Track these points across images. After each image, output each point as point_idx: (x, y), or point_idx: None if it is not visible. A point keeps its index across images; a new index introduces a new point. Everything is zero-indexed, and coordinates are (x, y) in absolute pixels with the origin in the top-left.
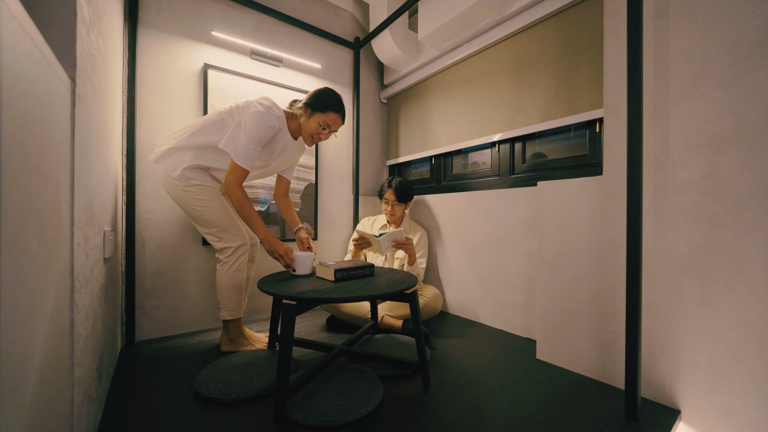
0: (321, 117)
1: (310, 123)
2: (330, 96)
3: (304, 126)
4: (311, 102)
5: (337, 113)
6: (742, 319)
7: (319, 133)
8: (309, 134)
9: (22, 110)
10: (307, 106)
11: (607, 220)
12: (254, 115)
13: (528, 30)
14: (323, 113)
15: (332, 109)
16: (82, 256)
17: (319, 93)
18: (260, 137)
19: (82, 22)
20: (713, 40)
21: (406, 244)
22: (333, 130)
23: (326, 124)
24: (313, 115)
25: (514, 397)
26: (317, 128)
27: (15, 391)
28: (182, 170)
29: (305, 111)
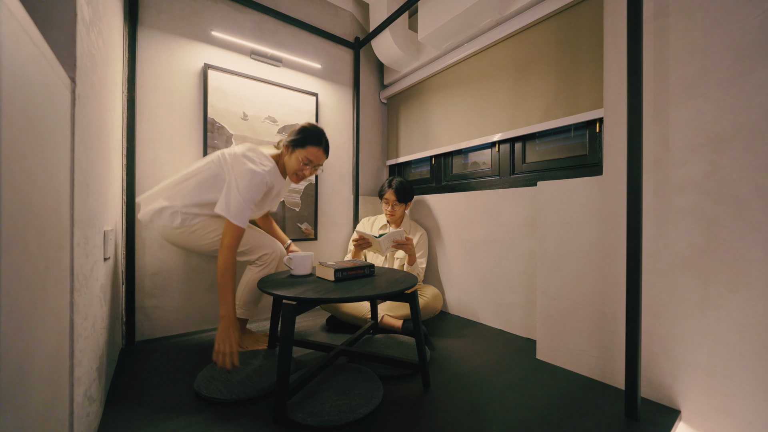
0: (301, 153)
1: (291, 160)
2: (309, 130)
3: (287, 164)
4: (292, 139)
5: (317, 146)
6: (742, 319)
7: (302, 169)
8: (293, 172)
9: (22, 110)
10: (289, 144)
11: (607, 220)
12: (246, 174)
13: (528, 30)
14: (303, 148)
15: (312, 143)
16: (82, 256)
17: (300, 129)
18: (254, 197)
19: (82, 22)
20: (713, 40)
21: (407, 244)
22: (316, 165)
23: (307, 160)
24: (294, 152)
25: (514, 397)
26: (299, 164)
27: (15, 391)
28: (182, 219)
29: (287, 149)
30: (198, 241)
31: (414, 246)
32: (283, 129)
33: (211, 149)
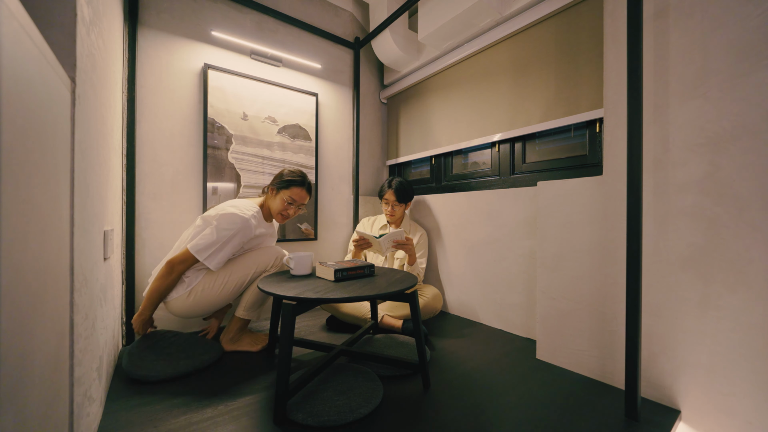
0: (285, 193)
1: (276, 201)
2: (293, 173)
3: (271, 206)
4: (275, 183)
5: (300, 187)
6: (742, 319)
7: (286, 209)
8: (277, 212)
9: (22, 110)
10: (273, 186)
11: (607, 220)
12: (227, 214)
13: (528, 30)
14: (287, 189)
15: (296, 184)
16: (82, 256)
17: (280, 174)
18: (230, 238)
19: (82, 22)
20: (713, 40)
21: (407, 244)
22: (299, 204)
23: (291, 199)
24: (278, 193)
25: (514, 397)
26: (283, 205)
27: (15, 391)
28: (187, 285)
29: (272, 191)
30: (213, 295)
31: (414, 246)
32: (283, 129)
33: (211, 149)
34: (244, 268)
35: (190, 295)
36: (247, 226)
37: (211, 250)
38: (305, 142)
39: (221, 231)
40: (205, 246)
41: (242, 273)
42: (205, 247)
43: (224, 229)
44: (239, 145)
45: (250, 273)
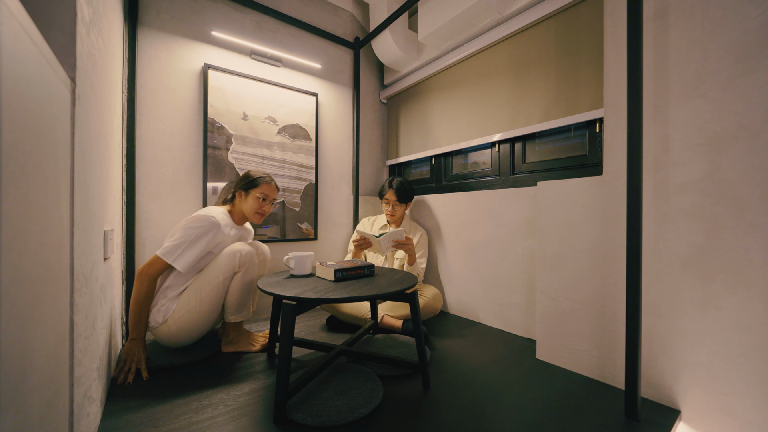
0: (256, 191)
1: (248, 202)
2: (255, 172)
3: (245, 209)
4: (241, 185)
5: (269, 183)
6: (742, 319)
7: (261, 206)
8: (253, 212)
9: (22, 110)
10: (240, 190)
11: (607, 220)
12: (193, 216)
13: (528, 30)
14: (257, 187)
15: (264, 181)
16: (82, 256)
17: (245, 176)
18: (196, 238)
19: (82, 22)
20: (713, 40)
21: (407, 244)
22: (272, 200)
23: (263, 195)
24: (249, 195)
25: (514, 397)
26: (258, 203)
27: (15, 391)
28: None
29: (240, 195)
30: (196, 317)
31: (414, 246)
32: (283, 129)
33: (211, 149)
34: (211, 279)
35: (172, 324)
36: (214, 224)
37: (179, 251)
38: (305, 142)
39: (188, 230)
40: (172, 248)
41: (211, 285)
42: (173, 249)
43: (191, 228)
44: (239, 145)
45: (219, 281)
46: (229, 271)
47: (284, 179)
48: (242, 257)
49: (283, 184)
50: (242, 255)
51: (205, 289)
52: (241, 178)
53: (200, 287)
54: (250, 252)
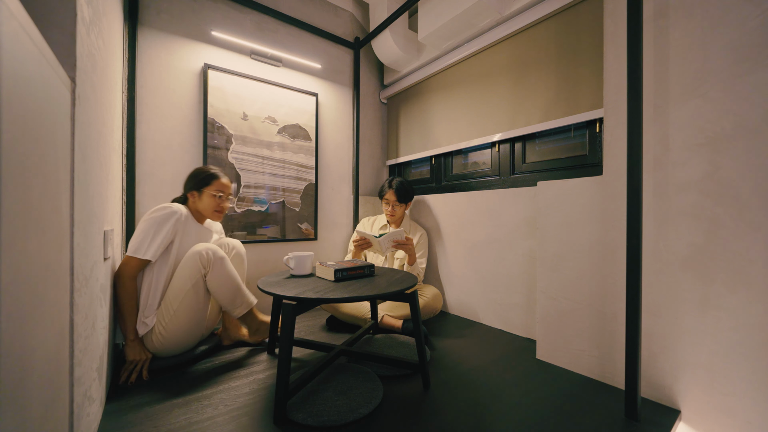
0: (210, 189)
1: (204, 200)
2: (203, 170)
3: (201, 208)
4: (192, 185)
5: (221, 178)
6: (742, 319)
7: (219, 203)
8: (212, 210)
9: (22, 110)
10: (192, 190)
11: (607, 220)
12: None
13: (528, 30)
14: (210, 185)
15: (215, 177)
16: (82, 256)
17: (193, 174)
18: (157, 228)
19: (82, 22)
20: (713, 40)
21: (407, 244)
22: (228, 195)
23: (219, 192)
24: (203, 193)
25: (514, 397)
26: (214, 200)
27: (15, 391)
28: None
29: (193, 195)
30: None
31: (414, 246)
32: (283, 129)
33: (211, 149)
34: (180, 288)
35: (157, 336)
36: (174, 211)
37: (146, 243)
38: (305, 142)
39: (148, 221)
40: (138, 243)
41: (182, 293)
42: (139, 244)
43: (151, 218)
44: (239, 145)
45: (188, 288)
46: (195, 274)
47: (284, 179)
48: (203, 257)
49: (283, 184)
50: (202, 255)
51: (177, 300)
52: (190, 177)
53: (171, 299)
54: (210, 249)
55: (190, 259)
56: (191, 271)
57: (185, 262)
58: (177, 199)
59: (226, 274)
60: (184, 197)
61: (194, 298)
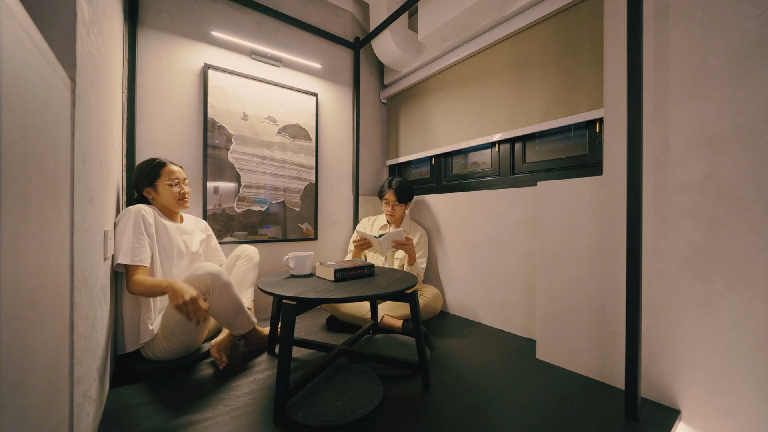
0: (163, 180)
1: (163, 193)
2: (149, 162)
3: (164, 201)
4: (143, 181)
5: (168, 165)
6: (742, 319)
7: (179, 191)
8: (174, 199)
9: (22, 110)
10: (148, 187)
11: (607, 220)
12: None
13: (528, 30)
14: (160, 177)
15: (160, 167)
16: (82, 256)
17: (139, 170)
18: (130, 230)
19: (82, 22)
20: (713, 40)
21: (407, 244)
22: (183, 180)
23: (172, 181)
24: (158, 186)
25: (514, 397)
26: (171, 189)
27: (15, 391)
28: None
29: (149, 193)
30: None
31: (414, 246)
32: (283, 129)
33: (211, 149)
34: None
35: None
36: (132, 211)
37: (129, 249)
38: (305, 142)
39: (117, 227)
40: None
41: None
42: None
43: (118, 224)
44: (239, 145)
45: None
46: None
47: (284, 179)
48: (201, 283)
49: (283, 184)
50: (201, 280)
51: (174, 319)
52: (137, 174)
53: (169, 318)
54: (211, 274)
55: (189, 281)
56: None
57: (193, 274)
58: (133, 201)
59: (226, 300)
60: (141, 198)
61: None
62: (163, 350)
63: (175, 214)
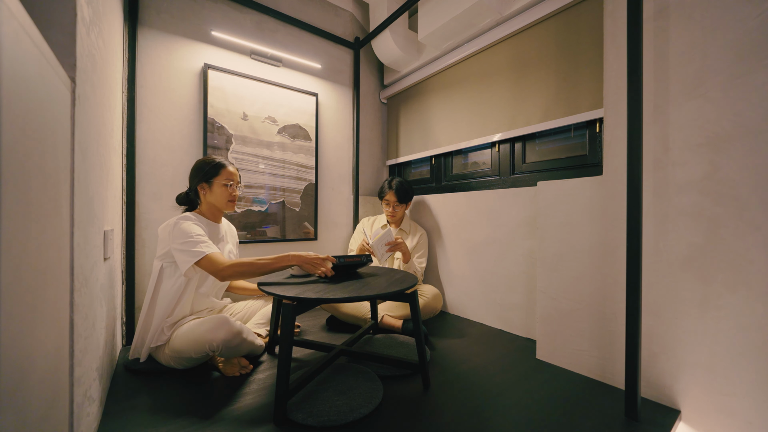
0: (220, 179)
1: (216, 192)
2: (208, 161)
3: (214, 201)
4: (201, 177)
5: (228, 167)
6: (742, 319)
7: (231, 192)
8: (225, 200)
9: (22, 110)
10: (203, 182)
11: (607, 220)
12: (176, 227)
13: (528, 30)
14: (218, 175)
15: (222, 166)
16: (82, 256)
17: (199, 167)
18: (193, 232)
19: (82, 22)
20: (713, 40)
21: (398, 244)
22: (237, 183)
23: (228, 181)
24: (213, 185)
25: (514, 397)
26: (226, 190)
27: (15, 391)
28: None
29: (203, 188)
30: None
31: (414, 246)
32: (283, 129)
33: (211, 149)
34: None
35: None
36: (187, 216)
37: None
38: (305, 142)
39: (176, 231)
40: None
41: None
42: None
43: (175, 229)
44: (239, 145)
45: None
46: (201, 350)
47: (284, 179)
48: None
49: (283, 184)
50: (212, 344)
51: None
52: (197, 169)
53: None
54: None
55: (201, 336)
56: (198, 347)
57: (195, 331)
58: (182, 195)
59: (236, 349)
60: (194, 191)
61: (199, 359)
62: (168, 362)
63: (219, 214)
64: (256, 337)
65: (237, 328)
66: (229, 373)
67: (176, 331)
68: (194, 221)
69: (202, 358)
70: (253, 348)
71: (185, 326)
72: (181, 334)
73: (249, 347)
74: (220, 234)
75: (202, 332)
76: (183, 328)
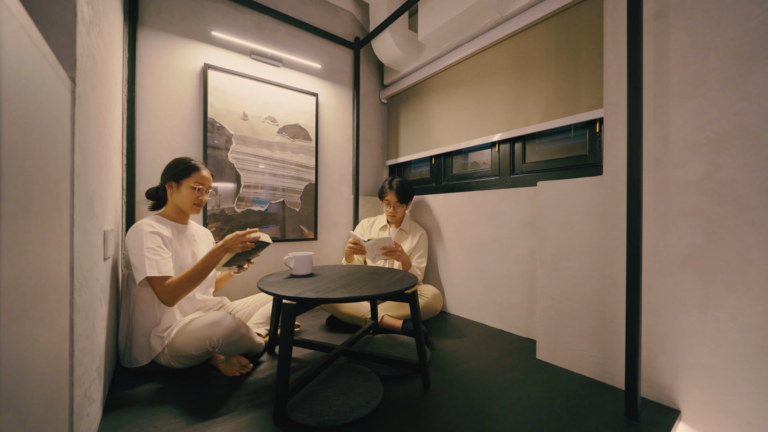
0: (190, 181)
1: (182, 193)
2: (184, 160)
3: (179, 202)
4: (171, 176)
5: (201, 170)
6: (742, 319)
7: (198, 196)
8: (190, 203)
9: (22, 110)
10: (170, 181)
11: (607, 220)
12: (130, 236)
13: (528, 30)
14: (189, 177)
15: (195, 169)
16: (82, 256)
17: (173, 165)
18: (148, 244)
19: (82, 22)
20: (713, 40)
21: (395, 250)
22: (207, 188)
23: (198, 185)
24: (181, 186)
25: (514, 397)
26: (193, 193)
27: (15, 391)
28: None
29: (171, 187)
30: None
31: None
32: (283, 129)
33: (211, 149)
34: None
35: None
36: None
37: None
38: (305, 142)
39: (131, 245)
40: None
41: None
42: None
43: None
44: (239, 145)
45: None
46: (201, 347)
47: (284, 179)
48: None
49: (283, 184)
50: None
51: (181, 352)
52: (170, 167)
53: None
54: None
55: (201, 332)
56: (198, 343)
57: (194, 327)
58: (152, 190)
59: (236, 344)
60: (162, 188)
61: (200, 356)
62: (168, 362)
63: (185, 216)
64: (255, 334)
65: (236, 322)
66: (229, 372)
67: (175, 331)
68: (152, 229)
69: (202, 355)
70: (252, 345)
71: (184, 324)
72: (180, 332)
73: (249, 343)
74: (188, 235)
75: (202, 328)
76: (182, 326)
